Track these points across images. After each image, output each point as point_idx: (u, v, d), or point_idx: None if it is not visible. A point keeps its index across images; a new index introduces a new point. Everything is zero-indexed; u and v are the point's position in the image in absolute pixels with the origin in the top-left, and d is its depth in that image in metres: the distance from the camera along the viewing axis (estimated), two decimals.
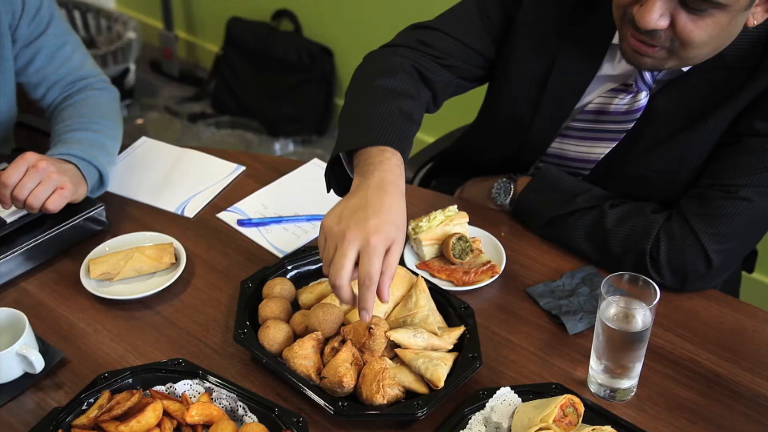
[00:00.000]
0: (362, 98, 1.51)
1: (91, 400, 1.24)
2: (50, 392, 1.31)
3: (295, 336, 1.36)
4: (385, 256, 1.21)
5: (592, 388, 1.30)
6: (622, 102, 1.52)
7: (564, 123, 1.61)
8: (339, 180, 1.44)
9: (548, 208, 1.57)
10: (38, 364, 1.30)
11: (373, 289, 1.20)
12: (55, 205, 1.51)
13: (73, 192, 1.53)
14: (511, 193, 1.65)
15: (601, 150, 1.58)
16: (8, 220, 1.52)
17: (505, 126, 1.67)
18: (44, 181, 1.49)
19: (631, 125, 1.53)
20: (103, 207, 1.62)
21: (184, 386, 1.28)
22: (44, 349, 1.34)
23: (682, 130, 1.47)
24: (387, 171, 1.30)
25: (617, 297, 1.24)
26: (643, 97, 1.50)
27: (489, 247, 1.57)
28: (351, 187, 1.30)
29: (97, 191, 1.66)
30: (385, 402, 1.24)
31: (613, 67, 1.52)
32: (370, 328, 1.29)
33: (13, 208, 1.53)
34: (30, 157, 1.49)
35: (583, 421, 1.19)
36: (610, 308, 1.23)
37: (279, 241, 1.63)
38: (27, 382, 1.32)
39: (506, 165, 1.71)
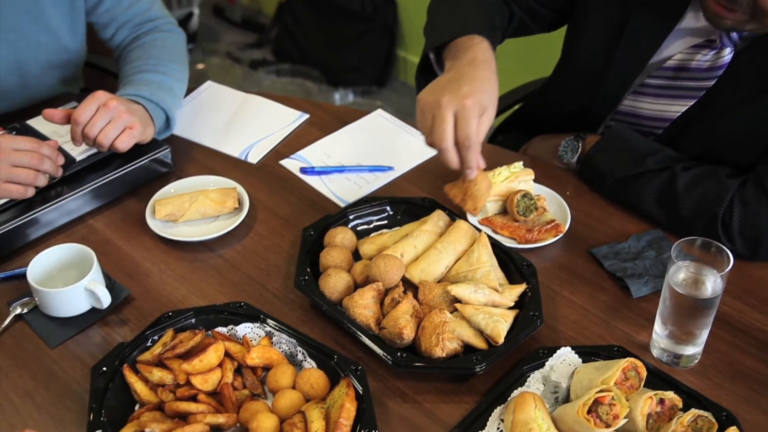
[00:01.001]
0: (447, 3, 1.55)
1: (155, 338, 1.27)
2: (115, 327, 1.35)
3: (356, 285, 1.36)
4: None
5: (655, 353, 1.28)
6: (704, 58, 1.46)
7: (638, 79, 1.56)
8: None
9: (617, 168, 1.53)
10: (105, 299, 1.33)
11: (474, 149, 1.28)
12: (124, 144, 1.52)
13: (141, 132, 1.55)
14: (579, 152, 1.62)
15: (677, 108, 1.53)
16: (78, 158, 1.55)
17: (578, 80, 1.63)
18: (114, 120, 1.50)
19: (711, 83, 1.47)
20: (168, 149, 1.63)
21: (245, 329, 1.29)
22: (110, 286, 1.37)
23: (765, 91, 1.41)
24: (478, 52, 1.36)
25: (687, 262, 1.21)
26: (727, 54, 1.44)
27: (554, 205, 1.54)
28: None
29: (163, 133, 1.68)
30: (444, 355, 1.23)
31: (697, 18, 1.46)
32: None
33: (84, 146, 1.55)
34: (101, 95, 1.51)
35: (644, 386, 1.17)
36: (679, 273, 1.20)
37: (341, 190, 1.62)
38: (94, 316, 1.35)
39: (575, 122, 1.67)
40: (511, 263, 1.39)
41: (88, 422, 1.14)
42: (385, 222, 1.52)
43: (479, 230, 1.43)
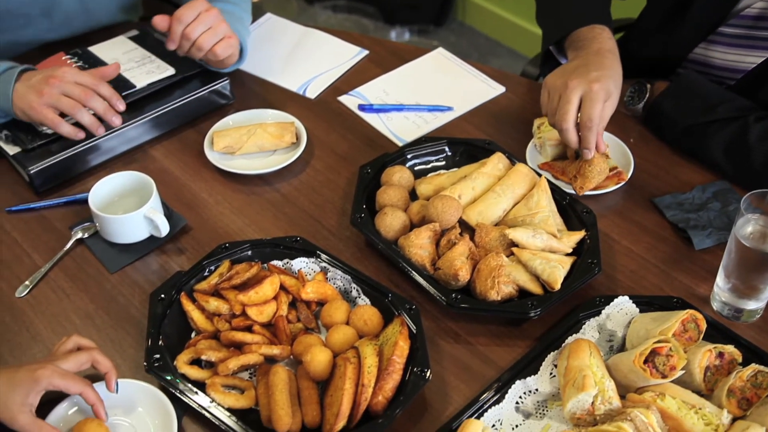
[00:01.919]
0: None
1: (212, 268, 1.28)
2: (173, 256, 1.36)
3: (412, 225, 1.35)
4: None
5: (715, 306, 1.25)
6: None
7: (714, 26, 1.49)
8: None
9: (685, 115, 1.47)
10: (164, 228, 1.34)
11: (595, 131, 1.34)
12: (224, 51, 1.51)
13: (237, 46, 1.54)
14: (646, 98, 1.56)
15: (752, 59, 1.46)
16: (138, 86, 1.55)
17: (656, 26, 1.57)
18: (214, 27, 1.50)
19: None
20: (227, 80, 1.62)
21: (300, 263, 1.30)
22: (168, 215, 1.39)
23: None
24: (602, 42, 1.42)
25: (756, 215, 1.17)
26: None
27: (617, 152, 1.50)
28: None
29: (235, 64, 1.65)
30: (499, 299, 1.23)
31: None
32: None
33: (146, 74, 1.55)
34: (201, 3, 1.50)
35: (703, 339, 1.15)
36: (747, 226, 1.16)
37: (399, 129, 1.60)
38: (152, 244, 1.37)
39: (646, 71, 1.61)
40: (570, 209, 1.36)
41: (146, 347, 1.16)
42: (443, 163, 1.50)
43: (539, 175, 1.40)
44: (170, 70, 1.58)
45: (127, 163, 1.52)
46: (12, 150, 1.46)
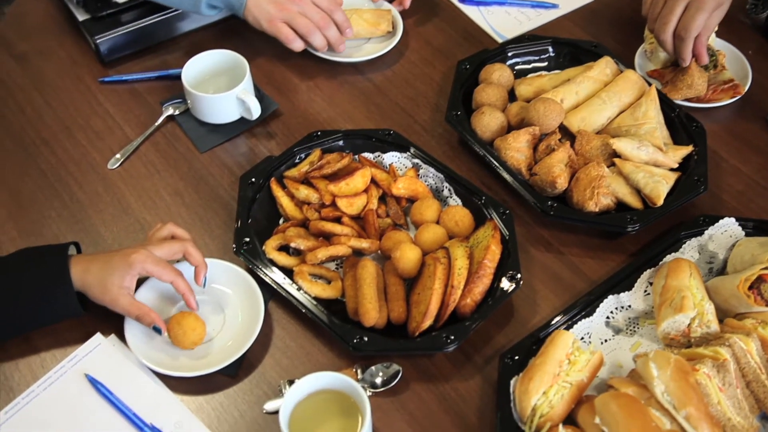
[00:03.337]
0: None
1: (303, 155, 1.26)
2: (262, 140, 1.35)
3: (509, 127, 1.30)
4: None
5: None
6: None
7: None
8: None
9: None
10: (255, 110, 1.32)
11: (690, 41, 1.29)
12: None
13: None
14: None
15: None
16: None
17: None
18: None
19: None
20: None
21: (392, 158, 1.27)
22: (260, 97, 1.36)
23: None
24: None
25: None
26: None
27: (734, 64, 1.40)
28: None
29: None
30: (596, 210, 1.18)
31: None
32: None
33: None
34: None
35: None
36: None
37: (500, 24, 1.52)
38: (242, 126, 1.35)
39: None
40: (678, 122, 1.29)
41: (236, 228, 1.16)
42: (545, 64, 1.42)
43: (649, 83, 1.32)
44: None
45: (219, 42, 1.49)
46: (82, 16, 1.44)
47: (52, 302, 1.03)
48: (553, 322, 1.07)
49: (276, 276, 1.11)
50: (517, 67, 1.41)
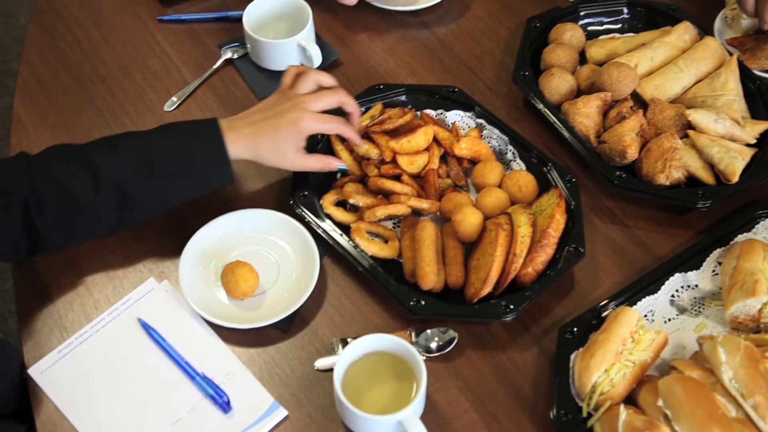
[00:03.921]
0: None
1: (363, 109, 1.22)
2: None
3: (579, 91, 1.25)
4: None
5: None
6: None
7: None
8: None
9: None
10: (317, 58, 1.28)
11: None
12: None
13: None
14: None
15: None
16: None
17: None
18: None
19: None
20: None
21: (455, 116, 1.23)
22: (320, 45, 1.32)
23: None
24: None
25: None
26: None
27: None
28: None
29: None
30: (667, 183, 1.13)
31: None
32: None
33: None
34: None
35: None
36: None
37: None
38: None
39: None
40: (758, 95, 1.23)
41: (293, 180, 1.13)
42: (619, 26, 1.36)
43: (730, 53, 1.26)
44: None
45: None
46: None
47: (208, 171, 1.03)
48: (615, 298, 1.04)
49: (332, 232, 1.09)
50: (589, 28, 1.35)
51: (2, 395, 0.91)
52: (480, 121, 1.21)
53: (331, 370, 1.00)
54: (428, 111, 1.23)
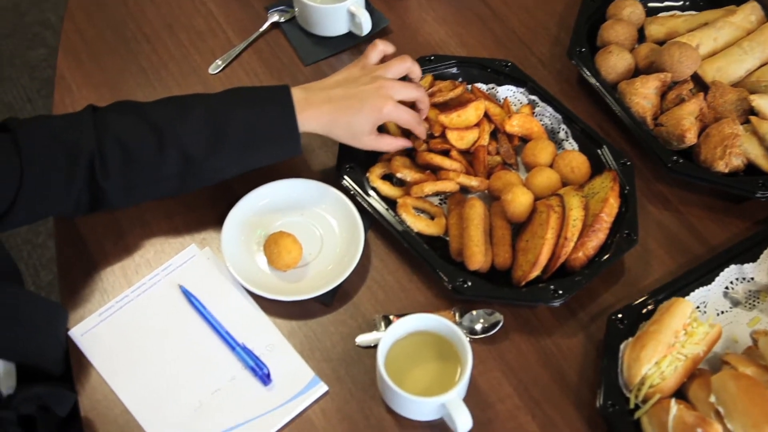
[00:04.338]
0: None
1: None
2: None
3: (637, 70, 1.21)
4: None
5: None
6: None
7: None
8: None
9: None
10: (366, 25, 1.24)
11: None
12: None
13: None
14: None
15: None
16: None
17: None
18: None
19: None
20: None
21: (507, 91, 1.19)
22: (370, 11, 1.28)
23: None
24: None
25: None
26: None
27: None
28: None
29: None
30: (726, 171, 1.10)
31: None
32: None
33: None
34: None
35: None
36: None
37: None
38: (350, 41, 1.29)
39: None
40: None
41: (339, 150, 1.11)
42: (680, 3, 1.31)
43: None
44: None
45: None
46: None
47: (278, 143, 1.02)
48: (667, 288, 1.01)
49: (378, 206, 1.07)
50: (649, 4, 1.30)
51: (53, 358, 0.90)
52: (533, 97, 1.18)
53: (371, 346, 0.99)
54: (479, 85, 1.20)
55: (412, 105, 1.09)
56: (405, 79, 1.10)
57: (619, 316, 0.98)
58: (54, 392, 0.89)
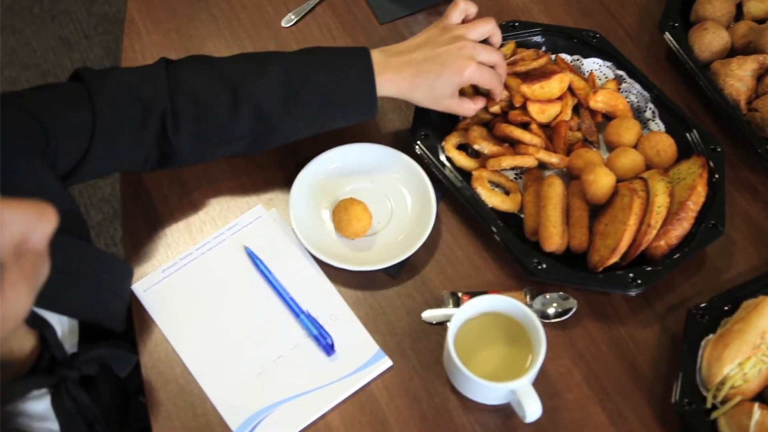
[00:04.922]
0: None
1: None
2: None
3: (733, 50, 1.14)
4: None
5: None
6: None
7: None
8: None
9: None
10: None
11: None
12: None
13: None
14: None
15: None
16: None
17: None
18: None
19: None
20: None
21: (592, 65, 1.14)
22: None
23: None
24: None
25: None
26: None
27: None
28: None
29: None
30: None
31: None
32: None
33: None
34: None
35: None
36: None
37: None
38: (427, 1, 1.23)
39: None
40: None
41: (414, 116, 1.07)
42: None
43: None
44: None
45: None
46: None
47: (355, 106, 0.99)
48: (753, 283, 0.96)
49: (452, 176, 1.03)
50: None
51: (117, 315, 0.89)
52: (620, 72, 1.12)
53: (437, 324, 0.96)
54: (564, 56, 1.14)
55: None
56: (484, 43, 1.05)
57: (701, 310, 0.94)
58: (117, 353, 0.88)
